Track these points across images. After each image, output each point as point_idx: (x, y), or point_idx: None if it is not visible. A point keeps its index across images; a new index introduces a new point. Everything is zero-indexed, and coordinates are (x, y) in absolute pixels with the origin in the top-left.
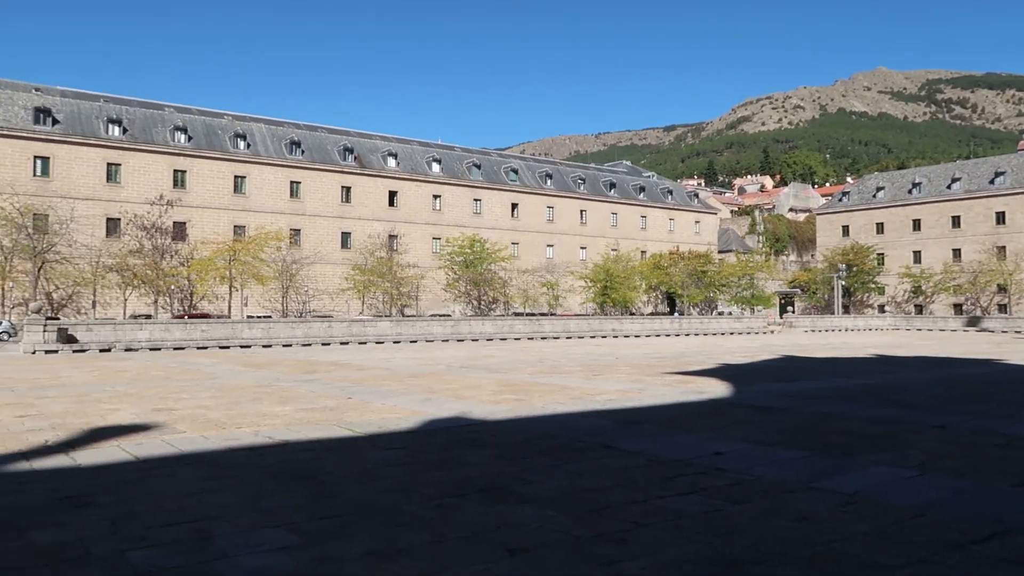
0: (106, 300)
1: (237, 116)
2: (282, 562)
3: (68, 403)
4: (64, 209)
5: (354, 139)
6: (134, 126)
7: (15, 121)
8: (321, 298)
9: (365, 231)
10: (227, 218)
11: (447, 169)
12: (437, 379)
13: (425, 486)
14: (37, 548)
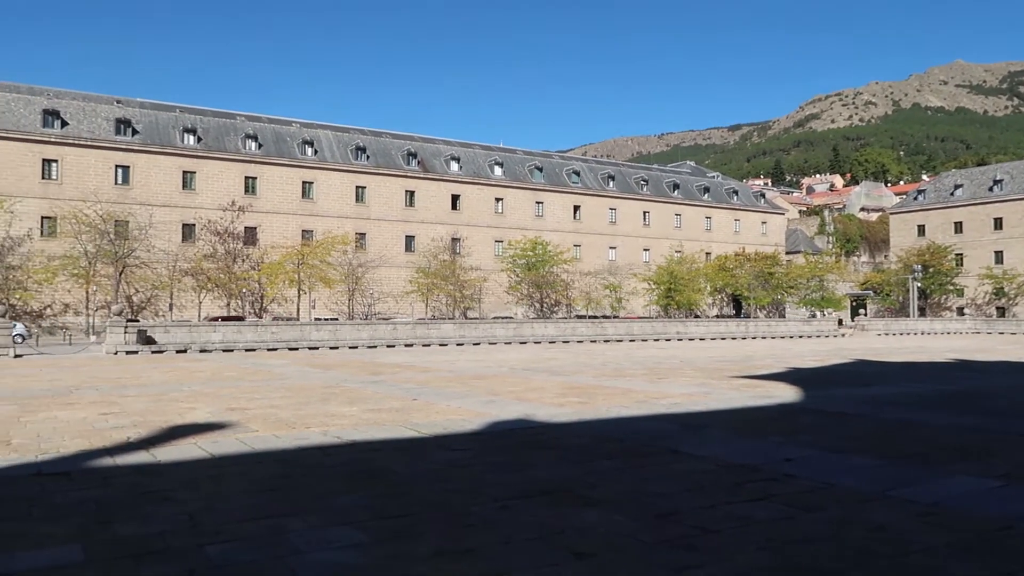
0: (182, 303)
1: (305, 123)
2: (352, 559)
3: (148, 402)
4: (143, 215)
5: (417, 144)
6: (208, 135)
7: (99, 132)
8: (386, 301)
9: (428, 234)
10: (295, 223)
11: (509, 172)
12: (500, 381)
13: (490, 487)
14: (121, 540)
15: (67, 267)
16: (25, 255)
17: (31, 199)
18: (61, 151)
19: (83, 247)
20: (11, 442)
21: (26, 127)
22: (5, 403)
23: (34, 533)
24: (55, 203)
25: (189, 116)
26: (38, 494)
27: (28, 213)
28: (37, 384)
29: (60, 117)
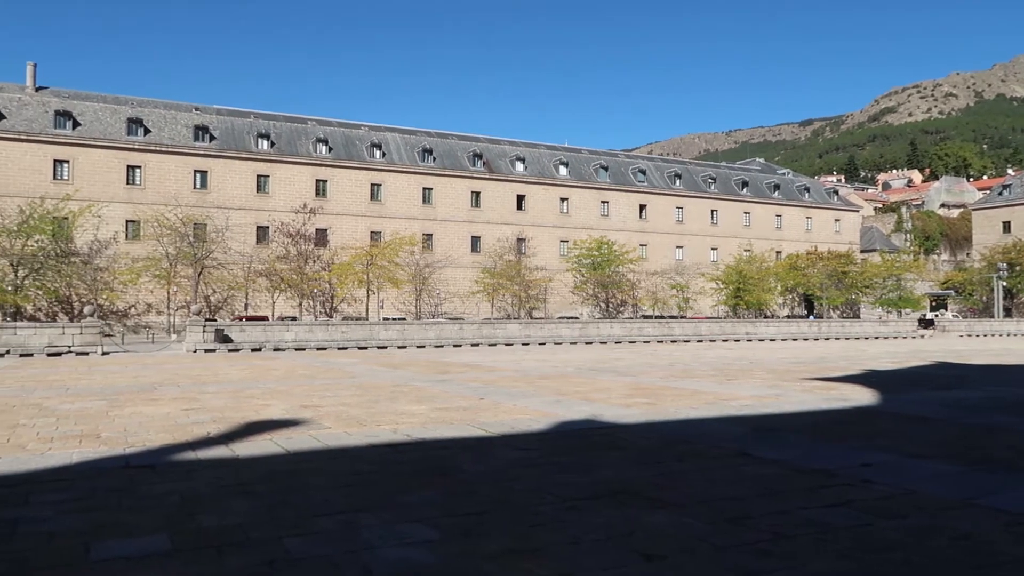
0: (256, 303)
1: (373, 127)
2: (424, 555)
3: (226, 399)
4: (220, 218)
5: (483, 145)
6: (280, 139)
7: (178, 139)
8: (452, 301)
9: (494, 235)
10: (364, 224)
11: (574, 172)
12: (566, 381)
13: (558, 487)
14: (205, 531)
15: (150, 268)
16: (111, 257)
17: (117, 204)
18: (144, 157)
19: (164, 249)
20: (100, 435)
21: (112, 135)
22: (95, 398)
23: (124, 523)
24: (138, 207)
25: (263, 121)
26: (127, 486)
27: (114, 217)
28: (123, 380)
29: (143, 125)
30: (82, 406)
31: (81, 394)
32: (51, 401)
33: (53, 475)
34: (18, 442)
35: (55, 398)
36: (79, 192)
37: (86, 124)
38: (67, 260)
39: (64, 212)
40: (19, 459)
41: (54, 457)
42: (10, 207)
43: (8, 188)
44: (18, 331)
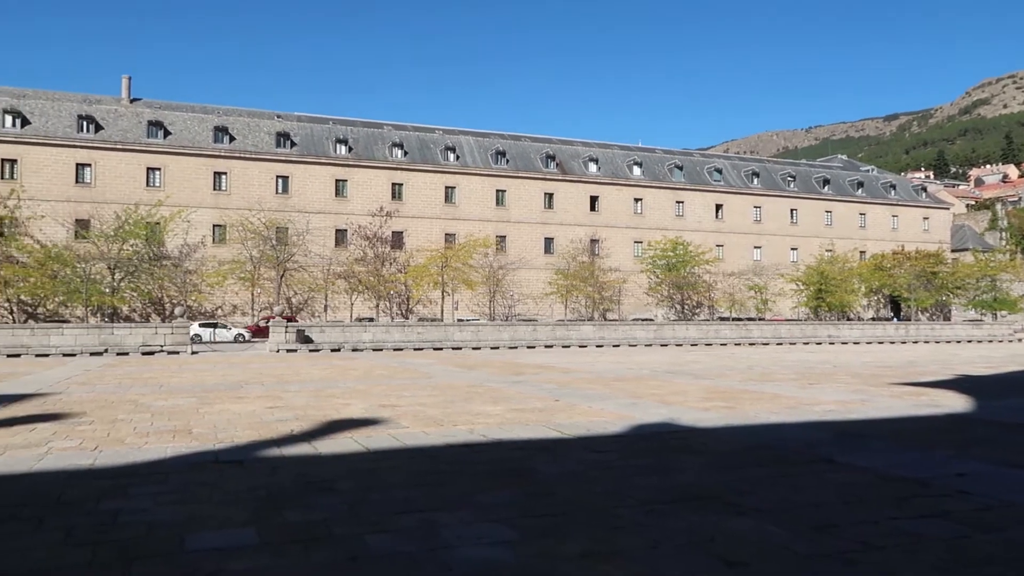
0: (335, 304)
1: (447, 130)
2: (502, 556)
3: (308, 397)
4: (300, 222)
5: (556, 146)
6: (358, 144)
7: (261, 146)
8: (525, 302)
9: (567, 236)
10: (439, 227)
11: (648, 172)
12: (642, 383)
13: (636, 490)
14: (290, 526)
15: (235, 271)
16: (199, 260)
17: (204, 209)
18: (229, 164)
19: (248, 252)
20: (191, 431)
21: (200, 143)
22: (186, 396)
23: (215, 516)
24: (224, 212)
25: (341, 127)
26: (217, 480)
27: (202, 222)
28: (211, 379)
29: (228, 133)
30: (174, 403)
31: (173, 391)
32: (146, 398)
33: (149, 468)
34: (117, 436)
35: (150, 395)
36: (170, 198)
37: (176, 133)
38: (159, 263)
39: (156, 217)
40: (119, 452)
41: (150, 451)
42: (107, 213)
43: (106, 195)
44: (115, 331)
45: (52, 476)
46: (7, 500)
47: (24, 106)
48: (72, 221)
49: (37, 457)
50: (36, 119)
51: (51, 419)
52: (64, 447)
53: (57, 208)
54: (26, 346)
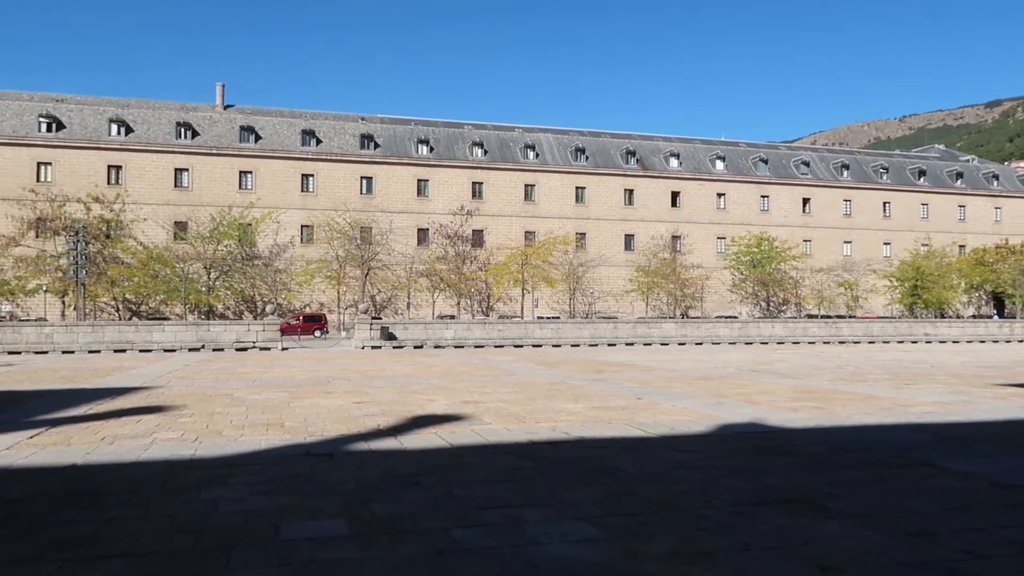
0: (417, 302)
1: (527, 128)
2: (587, 553)
3: (392, 393)
4: (384, 222)
5: (636, 142)
6: (439, 144)
7: (346, 148)
8: (606, 299)
9: (648, 233)
10: (518, 225)
11: (731, 166)
12: (727, 382)
13: (723, 491)
14: (378, 518)
15: (322, 270)
16: (288, 260)
17: (293, 210)
18: (316, 166)
19: (335, 252)
20: (284, 424)
21: (289, 147)
22: (277, 390)
23: (307, 507)
24: (312, 213)
25: (422, 128)
26: (308, 472)
27: (291, 223)
28: (301, 374)
29: (315, 136)
30: (267, 397)
31: (266, 386)
32: (241, 392)
33: (246, 459)
34: (215, 428)
35: (244, 389)
36: (260, 200)
37: (266, 137)
38: (251, 263)
39: (248, 219)
40: (217, 444)
41: (245, 443)
42: (203, 215)
43: (202, 198)
44: (211, 328)
45: (157, 465)
46: (119, 487)
47: (128, 115)
48: (171, 223)
49: (144, 447)
50: (139, 127)
51: (155, 411)
52: (167, 438)
53: (158, 211)
54: (131, 342)
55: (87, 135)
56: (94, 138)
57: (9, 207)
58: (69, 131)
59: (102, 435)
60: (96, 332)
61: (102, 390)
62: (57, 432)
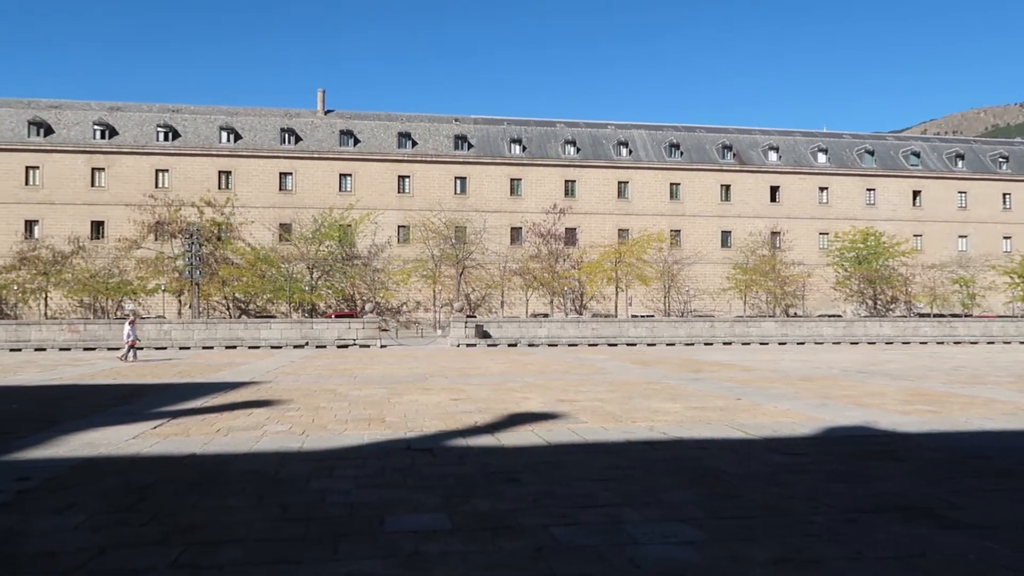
0: (511, 300)
1: (619, 125)
2: (690, 556)
3: (489, 390)
4: (478, 221)
5: (732, 136)
6: (531, 143)
7: (441, 149)
8: (702, 298)
9: (745, 229)
10: (611, 222)
11: (834, 158)
12: (831, 383)
13: (832, 497)
14: (478, 513)
15: (418, 269)
16: (386, 259)
17: (390, 211)
18: (412, 168)
19: (430, 251)
20: (384, 420)
21: (385, 149)
22: (377, 386)
23: (409, 500)
24: (408, 213)
25: (515, 127)
26: (410, 466)
27: (388, 223)
28: (399, 371)
29: (411, 138)
30: (368, 393)
31: (367, 382)
32: (343, 388)
33: (350, 453)
34: (320, 422)
35: (346, 385)
36: (359, 202)
37: (364, 140)
38: (351, 263)
39: (348, 220)
40: (322, 438)
41: (349, 437)
42: (306, 217)
43: (304, 200)
44: (314, 326)
45: (268, 456)
46: (235, 476)
47: (236, 123)
48: (276, 225)
49: (255, 439)
50: (246, 134)
51: (264, 405)
52: (276, 431)
53: (264, 213)
54: (240, 339)
55: (200, 143)
56: (206, 145)
57: (131, 212)
58: (184, 139)
59: (217, 427)
60: (209, 329)
61: (215, 384)
62: (177, 423)
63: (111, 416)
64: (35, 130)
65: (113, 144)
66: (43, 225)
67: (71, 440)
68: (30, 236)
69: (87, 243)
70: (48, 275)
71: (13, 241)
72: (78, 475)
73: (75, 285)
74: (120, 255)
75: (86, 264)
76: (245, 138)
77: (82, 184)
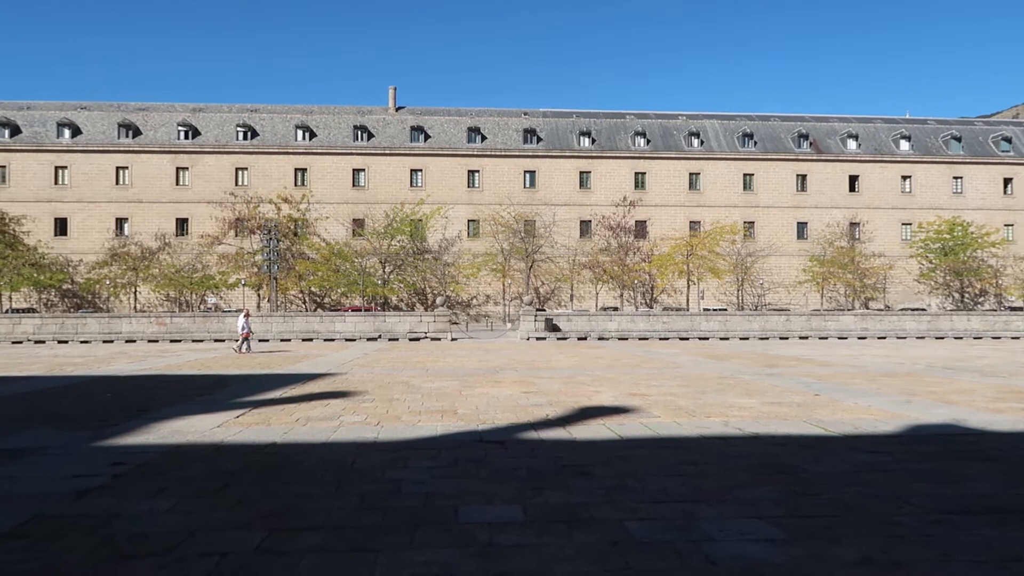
0: (580, 294)
1: (691, 115)
2: (770, 554)
3: (559, 383)
4: (547, 215)
5: (809, 124)
6: (600, 136)
7: (510, 143)
8: (777, 291)
9: (822, 220)
10: (682, 214)
11: (918, 145)
12: (916, 380)
13: (918, 497)
14: (551, 506)
15: (487, 263)
16: (456, 253)
17: (460, 205)
18: (481, 162)
19: (499, 245)
20: (457, 411)
21: (455, 144)
22: (449, 379)
23: (483, 491)
24: (477, 208)
25: (584, 120)
26: (482, 458)
27: (458, 218)
28: (470, 364)
29: (480, 132)
30: (440, 385)
31: (438, 375)
32: (416, 380)
33: (424, 444)
34: (394, 414)
35: (418, 377)
36: (430, 197)
37: (434, 136)
38: (422, 257)
39: (418, 215)
40: (397, 429)
41: (423, 428)
42: (378, 212)
43: (376, 196)
44: (387, 319)
45: (345, 446)
46: (313, 465)
47: (311, 121)
48: (350, 220)
49: (332, 429)
50: (321, 132)
51: (340, 396)
52: (352, 421)
53: (338, 209)
54: (316, 331)
55: (277, 141)
56: (283, 144)
57: (213, 209)
58: (261, 138)
59: (296, 416)
60: (287, 322)
61: (293, 375)
62: (258, 413)
63: (197, 405)
64: (124, 132)
65: (196, 144)
66: (132, 223)
67: (160, 427)
68: (120, 233)
69: (172, 239)
70: (137, 270)
71: (105, 238)
72: (167, 461)
73: (162, 280)
74: (203, 251)
75: (172, 260)
76: (320, 136)
77: (167, 183)
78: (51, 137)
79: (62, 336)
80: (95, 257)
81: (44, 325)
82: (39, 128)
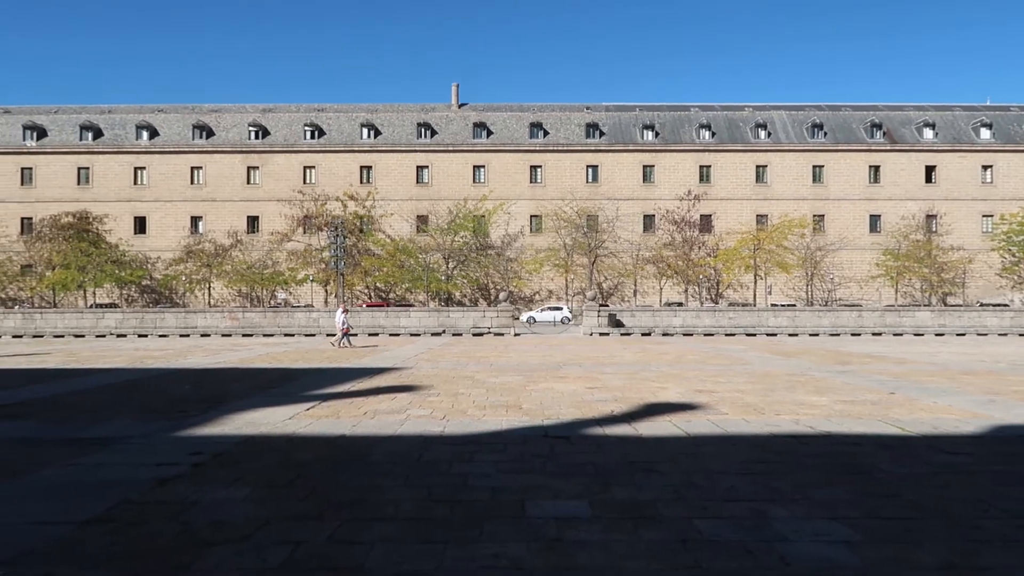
0: (644, 289)
1: (757, 107)
2: (845, 556)
3: (623, 379)
4: (610, 209)
5: (882, 113)
6: (664, 129)
7: (572, 138)
8: (848, 286)
9: (897, 212)
10: (749, 208)
11: (1001, 133)
12: (1000, 379)
13: (1002, 500)
14: (618, 503)
15: (550, 259)
16: (519, 249)
17: (522, 201)
18: (543, 157)
19: (562, 240)
20: (521, 406)
21: (518, 140)
22: (513, 373)
23: (549, 487)
24: (540, 203)
25: (647, 113)
26: (548, 453)
27: (520, 213)
28: (534, 359)
29: (542, 127)
30: (504, 380)
31: (502, 369)
32: (480, 374)
33: (489, 438)
34: (460, 408)
35: (483, 372)
36: (492, 192)
37: (497, 132)
38: (485, 252)
39: (481, 211)
40: (463, 423)
41: (488, 423)
42: (441, 209)
43: (440, 192)
44: (451, 314)
45: (412, 440)
46: (381, 457)
47: (376, 119)
48: (414, 217)
49: (399, 422)
50: (385, 129)
51: (406, 390)
52: (419, 415)
53: (402, 206)
54: (382, 326)
55: (343, 140)
56: (348, 142)
57: (282, 207)
58: (328, 137)
59: (364, 410)
60: (353, 317)
61: (360, 369)
62: (327, 406)
63: (269, 397)
64: (198, 133)
65: (266, 144)
66: (206, 221)
67: (235, 419)
68: (195, 231)
69: (244, 237)
70: (211, 267)
71: (181, 236)
72: (242, 451)
73: (234, 276)
74: (273, 248)
75: (243, 256)
76: (384, 134)
77: (239, 182)
78: (130, 139)
79: (142, 330)
80: (171, 254)
81: (125, 320)
82: (119, 131)
